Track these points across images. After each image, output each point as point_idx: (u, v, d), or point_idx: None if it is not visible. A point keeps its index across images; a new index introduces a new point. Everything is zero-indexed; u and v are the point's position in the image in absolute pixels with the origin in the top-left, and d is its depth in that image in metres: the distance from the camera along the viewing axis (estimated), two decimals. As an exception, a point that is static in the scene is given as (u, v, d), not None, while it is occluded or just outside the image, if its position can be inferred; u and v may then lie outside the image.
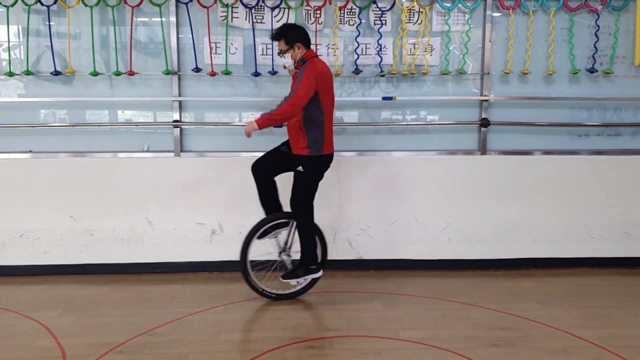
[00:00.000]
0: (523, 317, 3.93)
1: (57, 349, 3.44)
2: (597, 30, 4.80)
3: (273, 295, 4.22)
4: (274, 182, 4.17)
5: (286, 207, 4.18)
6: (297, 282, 4.16)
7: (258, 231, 4.12)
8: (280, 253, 4.31)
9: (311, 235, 4.11)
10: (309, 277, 4.17)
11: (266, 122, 3.80)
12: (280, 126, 4.72)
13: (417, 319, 3.88)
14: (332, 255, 4.84)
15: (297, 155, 3.97)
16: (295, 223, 4.14)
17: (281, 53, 3.97)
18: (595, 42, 4.82)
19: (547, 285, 4.61)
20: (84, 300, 4.24)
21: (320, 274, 4.18)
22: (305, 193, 4.03)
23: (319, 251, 4.22)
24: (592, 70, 4.87)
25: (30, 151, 4.76)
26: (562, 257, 5.01)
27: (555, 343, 3.54)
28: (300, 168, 3.96)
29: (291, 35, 3.90)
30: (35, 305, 4.14)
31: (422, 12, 4.73)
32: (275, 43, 4.04)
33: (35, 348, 3.45)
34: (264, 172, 4.13)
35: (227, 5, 4.62)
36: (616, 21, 4.81)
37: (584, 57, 4.90)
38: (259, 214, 4.74)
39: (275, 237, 4.24)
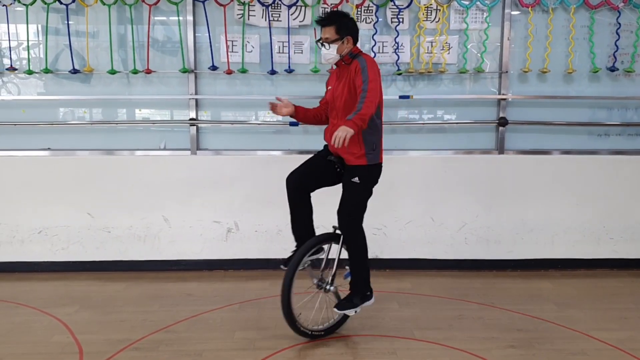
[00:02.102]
0: (540, 319, 3.89)
1: (74, 344, 3.47)
2: (618, 28, 4.72)
3: (322, 333, 3.58)
4: (310, 199, 3.60)
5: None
6: (355, 312, 3.47)
7: (297, 268, 3.43)
8: (320, 284, 3.62)
9: (366, 257, 3.51)
10: (366, 305, 3.53)
11: (358, 122, 3.08)
12: (296, 124, 4.73)
13: (433, 319, 3.85)
14: (345, 254, 4.83)
15: (352, 165, 3.43)
16: (346, 244, 3.53)
17: (326, 42, 3.37)
18: (616, 40, 4.75)
19: (565, 287, 4.56)
20: (101, 297, 4.27)
21: (373, 300, 3.57)
22: (361, 208, 3.46)
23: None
24: (612, 69, 4.79)
25: (49, 149, 4.81)
26: (580, 258, 4.94)
27: (573, 345, 3.49)
28: (356, 179, 3.40)
29: (344, 25, 3.37)
30: (53, 301, 4.18)
31: (439, 10, 4.69)
32: (319, 29, 3.44)
33: (53, 343, 3.48)
34: (303, 186, 3.56)
35: (243, 4, 4.62)
36: (638, 19, 4.73)
37: (604, 56, 4.83)
38: (275, 213, 4.76)
39: (314, 266, 3.64)
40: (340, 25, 3.34)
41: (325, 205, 3.64)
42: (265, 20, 4.67)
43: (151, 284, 4.56)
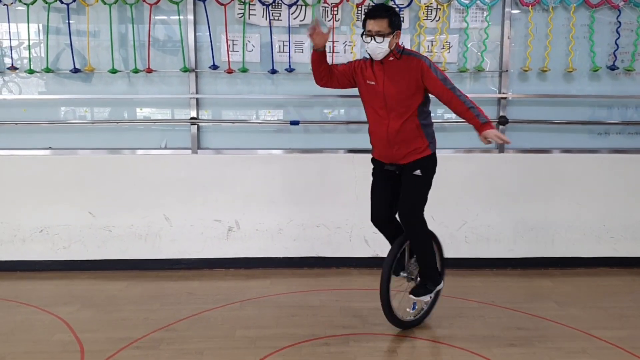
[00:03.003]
0: (541, 317, 3.89)
1: (76, 343, 3.48)
2: (619, 27, 4.73)
3: (415, 321, 3.73)
4: (396, 221, 3.58)
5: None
6: (430, 297, 3.64)
7: (390, 272, 3.52)
8: (410, 277, 3.72)
9: (431, 245, 3.58)
10: (437, 290, 3.67)
11: (481, 115, 3.31)
12: (297, 123, 4.74)
13: (434, 318, 3.85)
14: (347, 252, 4.86)
15: (417, 160, 3.42)
16: (409, 237, 3.55)
17: (377, 35, 3.22)
18: (617, 39, 4.75)
19: (566, 285, 4.56)
20: (102, 296, 4.28)
21: (442, 284, 3.71)
22: (423, 200, 3.46)
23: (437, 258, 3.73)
24: (613, 68, 4.80)
25: (50, 148, 4.82)
26: (581, 256, 4.95)
27: (573, 344, 3.50)
28: (418, 172, 3.39)
29: (396, 19, 3.28)
30: (54, 300, 4.19)
31: (440, 9, 4.70)
32: (370, 21, 3.26)
33: (54, 342, 3.49)
34: (387, 217, 3.57)
35: (244, 3, 4.63)
36: (638, 17, 4.73)
37: (604, 54, 4.84)
38: (276, 212, 4.78)
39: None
40: (392, 18, 3.25)
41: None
42: (266, 19, 4.67)
43: (152, 283, 4.57)
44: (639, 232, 4.92)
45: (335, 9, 4.65)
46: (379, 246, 4.84)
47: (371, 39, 3.24)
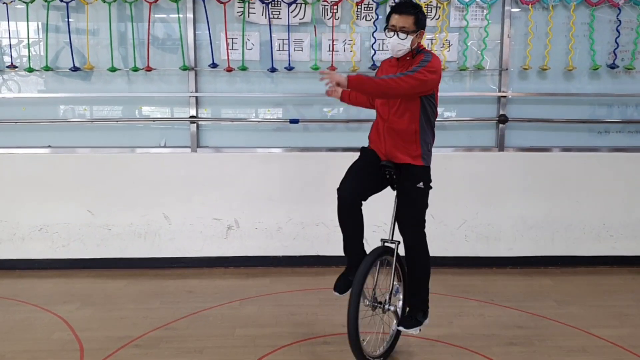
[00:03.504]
0: (541, 316, 3.89)
1: (75, 341, 3.48)
2: (619, 25, 4.72)
3: (382, 358, 3.27)
4: (362, 211, 3.22)
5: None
6: (419, 330, 3.22)
7: (360, 297, 3.03)
8: (375, 304, 3.24)
9: (429, 271, 3.26)
10: (425, 324, 3.26)
11: (361, 81, 2.87)
12: (296, 121, 4.73)
13: (433, 317, 3.82)
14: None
15: (409, 166, 3.17)
16: (410, 256, 3.22)
17: (400, 31, 3.04)
18: (617, 37, 4.74)
19: (566, 284, 4.56)
20: (102, 294, 4.28)
21: (428, 320, 3.29)
22: (424, 216, 3.22)
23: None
24: (613, 66, 4.79)
25: (50, 146, 4.81)
26: (580, 255, 4.95)
27: (573, 342, 3.50)
28: (420, 184, 3.15)
29: (423, 19, 3.11)
30: (54, 298, 4.19)
31: (439, 8, 4.69)
32: (396, 17, 3.06)
33: (54, 340, 3.49)
34: (359, 197, 3.19)
35: (243, 1, 4.62)
36: (638, 16, 4.73)
37: (604, 53, 4.83)
38: (275, 210, 4.77)
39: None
40: (419, 16, 3.07)
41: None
42: (266, 17, 4.67)
43: (152, 281, 4.57)
44: (638, 230, 4.92)
45: (335, 7, 4.65)
46: (377, 244, 4.84)
47: (394, 34, 3.05)
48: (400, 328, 3.22)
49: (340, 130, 4.89)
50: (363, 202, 3.22)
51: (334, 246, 4.82)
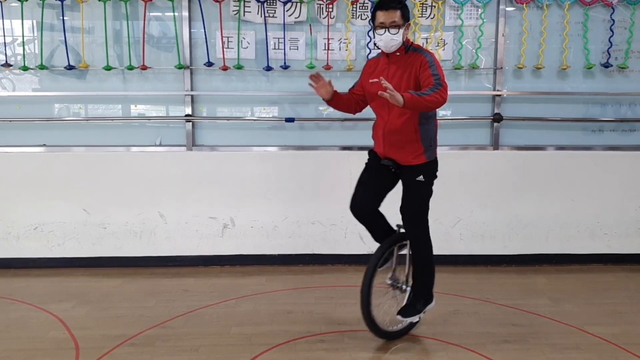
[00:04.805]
0: (535, 314, 3.91)
1: (70, 340, 3.47)
2: (612, 25, 4.74)
3: (396, 333, 3.49)
4: (379, 211, 3.43)
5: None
6: (420, 318, 3.46)
7: (372, 280, 3.30)
8: (395, 284, 3.54)
9: (432, 261, 3.43)
10: (428, 309, 3.48)
11: (415, 101, 2.91)
12: (292, 120, 4.74)
13: (428, 315, 3.85)
14: (343, 249, 4.87)
15: (412, 165, 3.28)
16: (412, 247, 3.41)
17: (391, 27, 3.11)
18: (610, 37, 4.77)
19: (560, 282, 4.58)
20: (97, 293, 4.27)
21: (434, 302, 3.50)
22: (426, 208, 3.35)
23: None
24: (606, 65, 4.82)
25: (44, 145, 4.80)
26: (575, 253, 4.97)
27: (567, 339, 3.52)
28: (421, 177, 3.28)
29: (407, 11, 3.19)
30: (49, 297, 4.18)
31: (434, 7, 4.70)
32: (383, 13, 3.13)
33: (49, 339, 3.49)
34: (370, 209, 3.40)
35: (239, 0, 4.62)
36: (632, 15, 4.75)
37: (598, 52, 4.85)
38: (271, 209, 4.78)
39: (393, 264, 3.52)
40: (404, 10, 3.16)
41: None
42: (261, 16, 4.67)
43: (147, 280, 4.56)
44: (632, 228, 4.95)
45: (331, 6, 4.65)
46: (375, 243, 4.85)
47: (385, 31, 3.12)
48: (399, 317, 3.37)
49: (336, 128, 4.90)
50: (378, 207, 3.41)
51: (330, 244, 4.85)
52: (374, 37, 3.25)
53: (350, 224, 4.84)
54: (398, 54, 3.23)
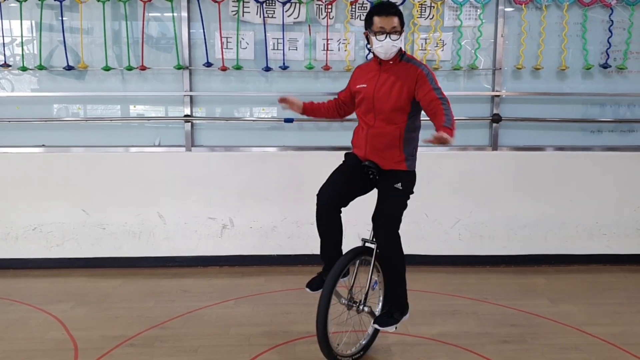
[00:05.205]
0: (534, 314, 3.91)
1: (69, 341, 3.47)
2: (611, 25, 4.75)
3: (360, 354, 3.33)
4: (340, 216, 3.32)
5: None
6: (396, 327, 3.17)
7: (331, 296, 3.10)
8: (351, 304, 3.30)
9: (404, 269, 3.26)
10: (404, 320, 3.26)
11: (454, 125, 2.88)
12: (291, 120, 4.74)
13: (427, 315, 3.87)
14: (342, 249, 4.85)
15: (392, 170, 3.19)
16: (384, 256, 3.23)
17: (392, 33, 3.05)
18: (609, 37, 4.77)
19: (559, 282, 4.59)
20: (96, 293, 4.27)
21: (409, 313, 3.29)
22: (400, 217, 3.22)
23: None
24: (605, 66, 4.82)
25: (43, 145, 4.80)
26: (574, 253, 4.98)
27: (566, 340, 3.52)
28: (399, 185, 3.16)
29: (403, 18, 3.14)
30: (48, 297, 4.18)
31: (433, 7, 4.70)
32: (386, 18, 3.07)
33: (48, 340, 3.49)
34: (337, 201, 3.26)
35: (238, 0, 4.62)
36: (630, 16, 4.76)
37: (597, 53, 4.86)
38: (270, 209, 4.78)
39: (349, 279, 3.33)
40: (401, 16, 3.10)
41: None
42: (260, 17, 4.67)
43: (146, 281, 4.56)
44: (631, 229, 4.96)
45: (330, 6, 4.65)
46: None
47: (386, 37, 3.05)
48: (376, 326, 3.20)
49: (335, 129, 4.90)
50: (343, 209, 3.27)
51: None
52: (370, 43, 3.17)
53: (348, 225, 4.79)
54: (391, 62, 3.16)
